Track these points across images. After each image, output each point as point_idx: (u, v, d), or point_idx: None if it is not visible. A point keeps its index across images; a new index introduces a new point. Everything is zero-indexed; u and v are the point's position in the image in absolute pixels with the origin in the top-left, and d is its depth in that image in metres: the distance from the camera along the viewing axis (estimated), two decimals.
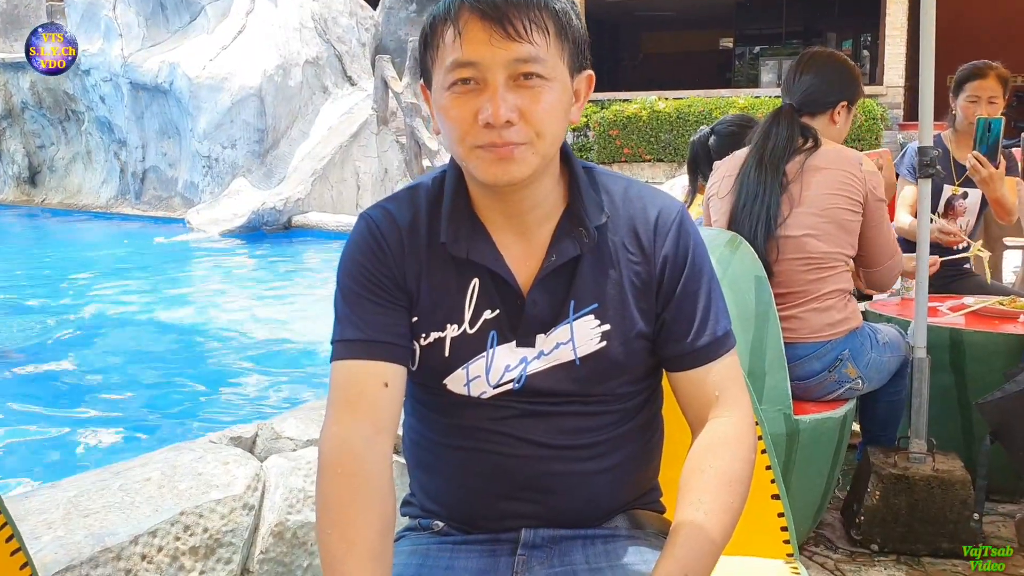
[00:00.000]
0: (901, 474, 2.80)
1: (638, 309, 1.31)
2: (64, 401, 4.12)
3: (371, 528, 1.17)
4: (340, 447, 1.22)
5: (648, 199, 1.34)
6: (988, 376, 2.98)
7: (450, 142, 1.24)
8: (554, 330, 1.29)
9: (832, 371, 2.73)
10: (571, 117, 1.26)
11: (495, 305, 1.29)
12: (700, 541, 1.20)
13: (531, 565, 1.31)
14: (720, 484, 1.26)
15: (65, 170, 14.41)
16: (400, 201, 1.34)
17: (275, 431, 2.47)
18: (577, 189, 1.31)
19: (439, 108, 1.23)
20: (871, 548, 2.83)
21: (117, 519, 1.96)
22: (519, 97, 1.19)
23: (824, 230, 2.73)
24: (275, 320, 6.12)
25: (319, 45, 12.40)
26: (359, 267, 1.30)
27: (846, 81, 2.93)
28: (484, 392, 1.30)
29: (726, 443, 1.29)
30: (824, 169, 2.76)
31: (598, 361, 1.29)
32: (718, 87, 16.33)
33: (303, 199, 10.90)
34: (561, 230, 1.30)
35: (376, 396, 1.25)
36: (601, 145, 14.18)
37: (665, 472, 1.47)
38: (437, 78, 1.23)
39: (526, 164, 1.21)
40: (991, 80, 3.84)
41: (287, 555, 2.13)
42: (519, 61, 1.18)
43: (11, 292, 7.28)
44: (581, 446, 1.31)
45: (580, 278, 1.29)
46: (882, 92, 14.95)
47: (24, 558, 1.43)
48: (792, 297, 2.74)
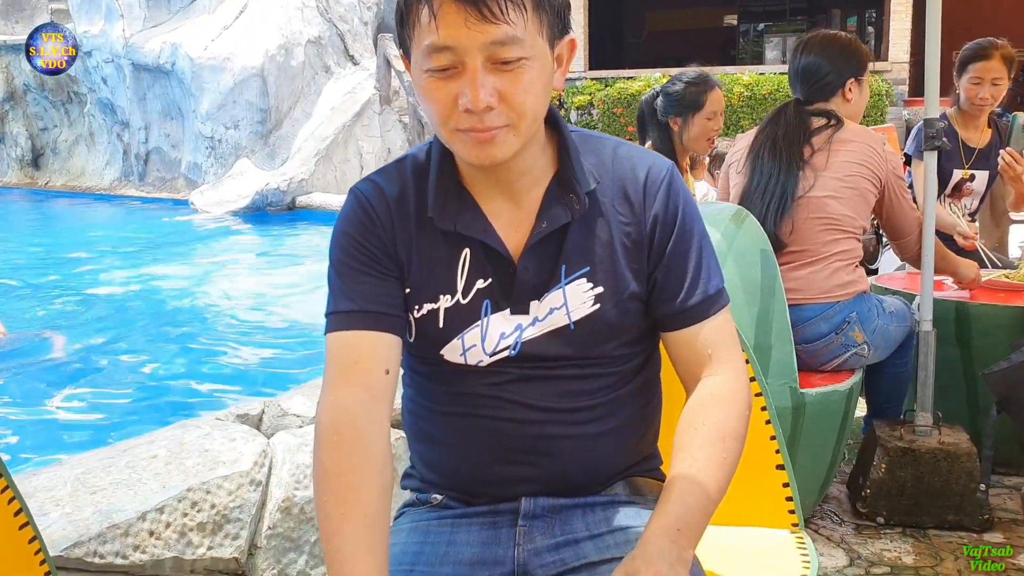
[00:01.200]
0: (907, 447, 2.81)
1: (630, 270, 1.30)
2: (71, 379, 4.13)
3: (370, 495, 1.17)
4: (337, 416, 1.22)
5: (637, 159, 1.33)
6: (994, 349, 2.98)
7: (432, 123, 1.24)
8: (547, 295, 1.29)
9: (839, 333, 2.75)
10: (555, 85, 1.24)
11: (487, 274, 1.29)
12: (694, 496, 1.19)
13: (532, 535, 1.31)
14: (712, 440, 1.25)
15: (68, 152, 14.38)
16: (388, 174, 1.34)
17: (281, 408, 2.48)
18: (567, 155, 1.30)
19: (419, 88, 1.22)
20: (877, 521, 2.84)
21: (125, 496, 1.97)
22: (499, 79, 1.17)
23: (845, 194, 2.80)
24: (279, 299, 6.13)
25: (321, 24, 12.33)
26: (350, 240, 1.30)
27: (847, 57, 2.94)
28: (481, 360, 1.30)
29: (719, 399, 1.29)
30: (851, 141, 2.83)
31: (592, 324, 1.29)
32: (722, 64, 16.24)
33: (306, 179, 10.87)
34: (551, 196, 1.29)
35: (372, 365, 1.25)
36: (605, 123, 14.12)
37: (664, 439, 1.47)
38: (415, 57, 1.21)
39: (507, 146, 1.20)
40: (995, 61, 3.79)
41: (294, 530, 2.14)
42: (496, 44, 1.15)
43: (17, 272, 7.30)
44: (579, 409, 1.31)
45: (570, 242, 1.29)
46: (887, 68, 14.86)
47: (32, 532, 1.44)
48: (805, 255, 2.80)
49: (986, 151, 3.96)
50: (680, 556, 1.12)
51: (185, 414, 3.01)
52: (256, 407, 2.49)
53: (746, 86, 13.43)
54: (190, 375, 4.27)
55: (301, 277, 7.09)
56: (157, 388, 4.07)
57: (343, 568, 1.12)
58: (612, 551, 1.27)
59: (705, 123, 3.47)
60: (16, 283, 6.83)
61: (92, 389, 3.92)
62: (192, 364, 4.37)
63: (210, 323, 5.20)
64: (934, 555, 2.66)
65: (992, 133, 3.99)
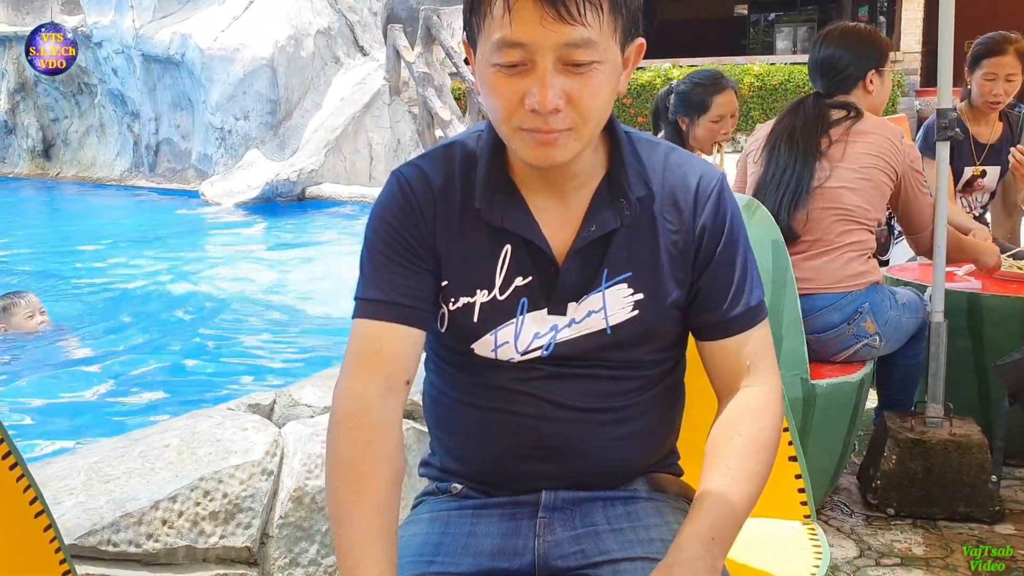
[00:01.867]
0: (918, 438, 2.81)
1: (674, 278, 1.30)
2: (83, 369, 4.15)
3: (382, 484, 1.18)
4: (354, 402, 1.22)
5: (688, 167, 1.32)
6: (1005, 340, 2.98)
7: (494, 119, 1.22)
8: (586, 298, 1.28)
9: (851, 324, 2.76)
10: (619, 88, 1.23)
11: (527, 272, 1.28)
12: (726, 506, 1.20)
13: (553, 527, 1.32)
14: (747, 452, 1.26)
15: (79, 143, 14.40)
16: (435, 160, 1.32)
17: (293, 398, 2.48)
18: (620, 157, 1.28)
19: (483, 82, 1.20)
20: (887, 512, 2.84)
21: (138, 485, 1.98)
22: (568, 81, 1.15)
23: (860, 186, 2.79)
24: (290, 290, 6.13)
25: (330, 15, 12.31)
26: (388, 227, 1.28)
27: (866, 48, 2.92)
28: (512, 358, 1.29)
29: (755, 412, 1.29)
30: (870, 133, 2.82)
31: (630, 329, 1.29)
32: (733, 55, 16.20)
33: (316, 170, 10.86)
34: (600, 199, 1.28)
35: (393, 357, 1.25)
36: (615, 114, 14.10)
37: (684, 436, 1.47)
38: (482, 48, 1.19)
39: (568, 150, 1.19)
40: (1010, 56, 3.75)
41: (306, 519, 2.15)
42: (570, 46, 1.13)
43: (28, 262, 7.33)
44: (605, 409, 1.31)
45: (616, 247, 1.28)
46: (898, 58, 14.78)
47: (48, 520, 1.45)
48: (818, 245, 2.79)
49: (997, 146, 3.93)
50: (713, 565, 1.14)
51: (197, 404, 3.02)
52: (268, 397, 2.50)
53: (757, 76, 13.41)
54: (201, 365, 4.29)
55: (311, 267, 7.10)
56: (169, 378, 4.08)
57: (352, 554, 1.13)
58: (635, 548, 1.27)
59: (711, 126, 3.41)
60: (28, 273, 6.85)
61: (104, 378, 3.94)
62: (203, 354, 4.38)
63: (221, 313, 5.21)
64: (944, 547, 2.66)
65: (1003, 127, 3.96)
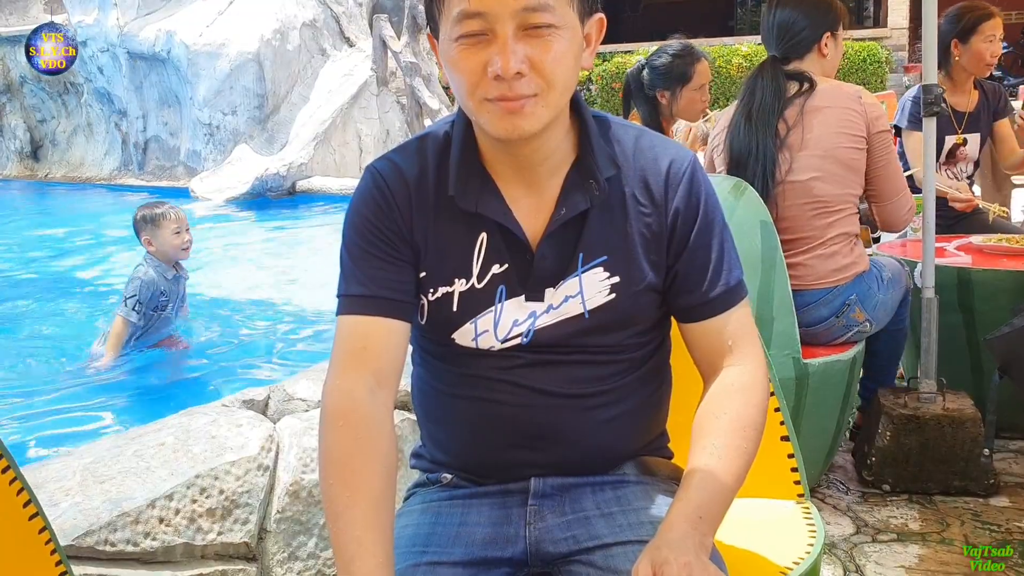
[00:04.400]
0: (912, 414, 2.82)
1: (648, 261, 1.30)
2: (75, 368, 4.14)
3: (375, 478, 1.19)
4: (344, 399, 1.23)
5: (660, 149, 1.33)
6: (996, 314, 2.99)
7: (460, 95, 1.23)
8: (563, 283, 1.29)
9: (840, 316, 2.73)
10: (583, 63, 1.24)
11: (504, 259, 1.29)
12: (714, 484, 1.20)
13: (543, 514, 1.32)
14: (734, 429, 1.26)
15: (67, 143, 14.35)
16: (408, 152, 1.33)
17: (287, 393, 2.49)
18: (588, 140, 1.29)
19: (447, 60, 1.21)
20: (883, 488, 2.86)
21: (134, 484, 1.99)
22: (528, 47, 1.16)
23: (829, 171, 2.70)
24: (283, 284, 6.12)
25: (315, 7, 12.26)
26: (365, 221, 1.29)
27: (822, 11, 2.83)
28: (492, 346, 1.30)
29: (740, 390, 1.30)
30: (824, 108, 2.72)
31: (607, 313, 1.29)
32: (720, 35, 16.15)
33: (306, 164, 10.84)
34: (571, 182, 1.29)
35: (380, 351, 1.26)
36: (604, 98, 14.07)
37: (673, 418, 1.48)
38: (444, 29, 1.20)
39: (535, 118, 1.20)
40: (997, 17, 3.85)
41: (303, 513, 2.15)
42: (527, 10, 1.15)
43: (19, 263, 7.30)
44: (588, 394, 1.32)
45: (589, 230, 1.28)
46: (886, 35, 14.77)
47: (43, 523, 1.45)
48: (798, 243, 2.73)
49: (975, 114, 3.96)
50: (702, 542, 1.14)
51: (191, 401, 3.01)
52: (262, 393, 2.50)
53: (745, 56, 13.37)
54: (195, 361, 4.28)
55: (303, 261, 7.09)
56: (163, 375, 4.08)
57: (349, 550, 1.13)
58: (626, 532, 1.28)
59: (693, 95, 3.49)
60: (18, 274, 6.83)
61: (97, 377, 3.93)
62: (197, 350, 4.37)
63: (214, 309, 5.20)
64: (940, 521, 2.67)
65: (979, 95, 3.99)
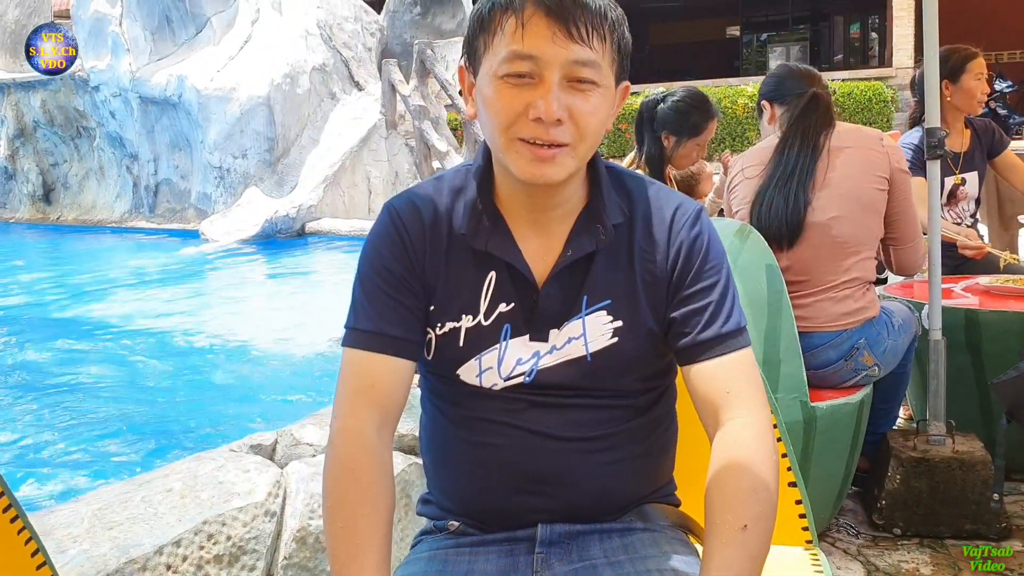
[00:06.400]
0: (921, 457, 2.80)
1: (650, 306, 1.31)
2: (85, 413, 4.15)
3: (380, 522, 1.21)
4: (352, 443, 1.24)
5: (666, 199, 1.35)
6: (1004, 355, 2.96)
7: (491, 130, 1.25)
8: (567, 324, 1.30)
9: (849, 360, 2.71)
10: (607, 123, 1.28)
11: (511, 298, 1.31)
12: (741, 560, 1.17)
13: (550, 562, 1.32)
14: (748, 495, 1.21)
15: (79, 186, 14.49)
16: (425, 191, 1.36)
17: (294, 437, 2.48)
18: (598, 187, 1.32)
19: (484, 95, 1.24)
20: (893, 532, 2.83)
21: (141, 530, 1.98)
22: (570, 97, 1.20)
23: (851, 212, 2.68)
24: (291, 327, 6.15)
25: (325, 52, 12.43)
26: (380, 258, 1.32)
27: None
28: (495, 384, 1.31)
29: (745, 450, 1.24)
30: (847, 148, 2.71)
31: (609, 356, 1.30)
32: (726, 76, 16.28)
33: (315, 206, 10.93)
34: (579, 226, 1.31)
35: (388, 391, 1.28)
36: (611, 139, 14.15)
37: (680, 465, 1.48)
38: (488, 63, 1.23)
39: (563, 168, 1.23)
40: (981, 56, 3.91)
41: (310, 560, 2.14)
42: (577, 64, 1.19)
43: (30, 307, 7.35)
44: (591, 438, 1.32)
45: (594, 274, 1.30)
46: (891, 74, 14.88)
47: (51, 572, 1.45)
48: (809, 285, 2.71)
49: (970, 153, 3.99)
50: None
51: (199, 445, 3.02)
52: (269, 437, 2.50)
53: (750, 97, 13.45)
54: (203, 406, 4.29)
55: (312, 304, 7.12)
56: (170, 420, 4.09)
57: None
58: None
59: (695, 148, 3.52)
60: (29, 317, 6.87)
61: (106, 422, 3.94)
62: (205, 394, 4.39)
63: (223, 352, 5.22)
64: (952, 565, 2.64)
65: (971, 134, 4.01)
